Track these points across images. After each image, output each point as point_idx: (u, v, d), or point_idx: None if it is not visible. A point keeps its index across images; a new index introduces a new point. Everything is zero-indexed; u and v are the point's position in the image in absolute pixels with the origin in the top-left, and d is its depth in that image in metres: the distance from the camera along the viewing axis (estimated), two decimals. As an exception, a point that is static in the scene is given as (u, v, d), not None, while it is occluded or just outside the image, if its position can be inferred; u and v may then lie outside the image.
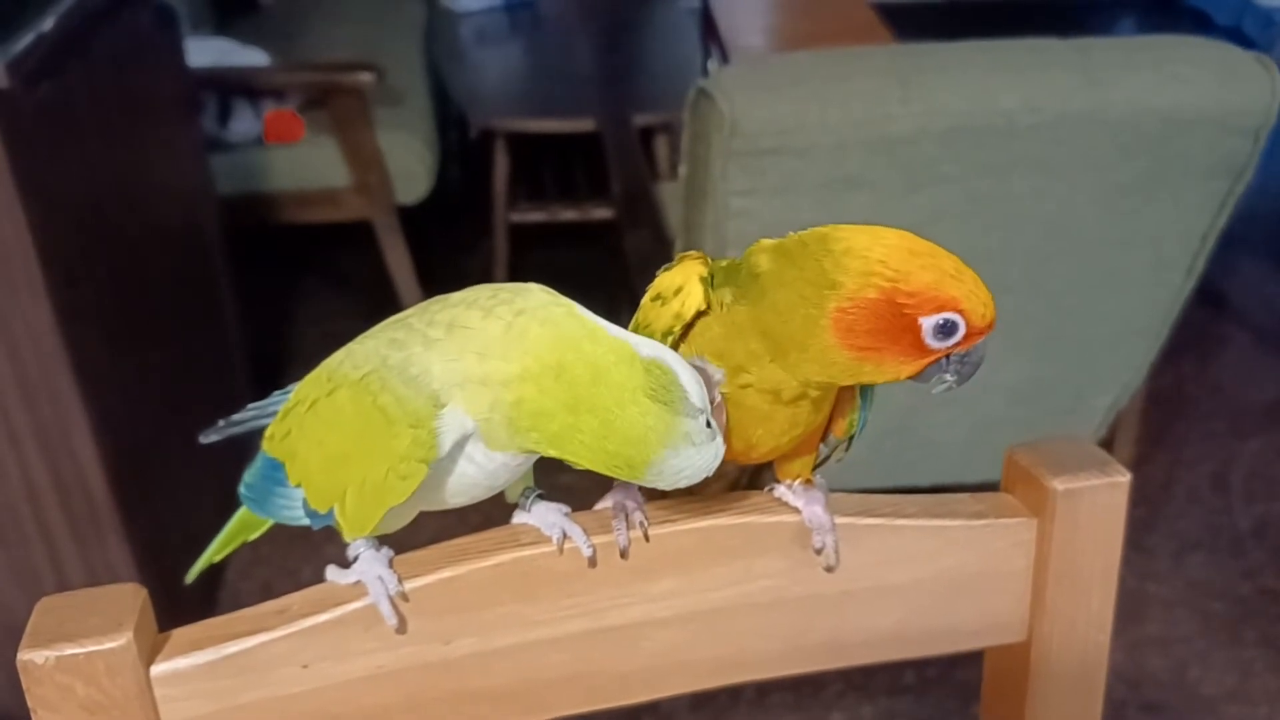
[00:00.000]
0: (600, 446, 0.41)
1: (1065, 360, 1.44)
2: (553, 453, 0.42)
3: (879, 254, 0.41)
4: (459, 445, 0.43)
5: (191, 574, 0.57)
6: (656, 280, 0.48)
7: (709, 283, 0.46)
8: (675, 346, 0.47)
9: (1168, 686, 1.55)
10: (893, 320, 0.41)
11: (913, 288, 0.41)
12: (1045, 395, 1.46)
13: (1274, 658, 1.59)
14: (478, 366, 0.42)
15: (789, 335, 0.43)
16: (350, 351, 0.45)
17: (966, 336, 0.42)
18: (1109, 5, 4.26)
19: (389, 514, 0.44)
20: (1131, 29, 4.05)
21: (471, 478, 0.44)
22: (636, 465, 0.41)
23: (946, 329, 0.42)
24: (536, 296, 0.43)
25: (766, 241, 0.45)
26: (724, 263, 0.47)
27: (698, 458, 0.42)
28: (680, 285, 0.47)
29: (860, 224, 0.43)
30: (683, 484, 0.43)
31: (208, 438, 0.52)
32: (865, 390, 0.49)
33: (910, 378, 0.44)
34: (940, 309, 0.41)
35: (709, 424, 0.42)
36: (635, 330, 0.48)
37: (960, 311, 0.42)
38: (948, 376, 0.44)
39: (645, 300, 0.48)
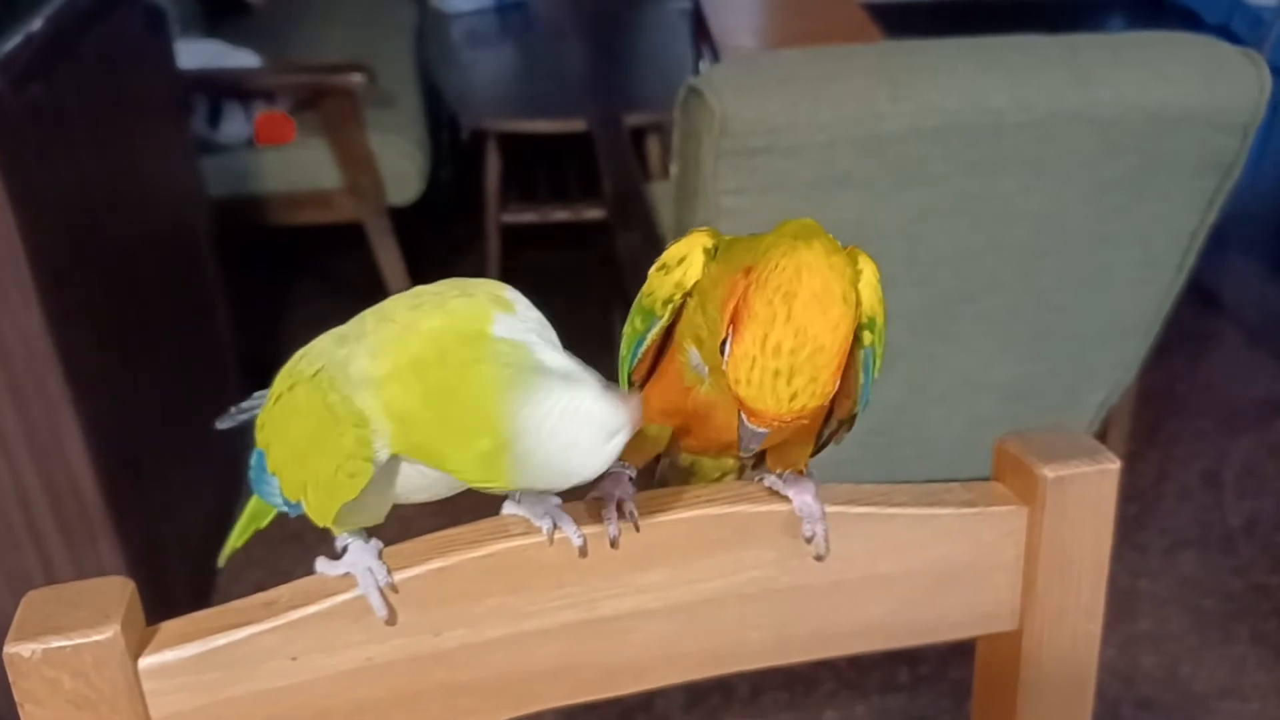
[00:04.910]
0: (445, 421, 0.38)
1: (1056, 358, 1.44)
2: (433, 463, 0.40)
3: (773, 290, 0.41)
4: None
5: (222, 558, 0.58)
6: (665, 251, 0.48)
7: (711, 254, 0.47)
8: (676, 315, 0.47)
9: (1160, 683, 1.55)
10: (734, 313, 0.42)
11: (740, 322, 0.41)
12: (1037, 393, 1.47)
13: (1266, 654, 1.59)
14: (370, 365, 0.41)
15: (720, 279, 0.44)
16: (309, 347, 0.45)
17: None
18: (1098, 4, 4.27)
19: (357, 508, 0.43)
20: (1120, 28, 4.07)
21: (419, 481, 0.43)
22: (490, 433, 0.37)
23: (724, 347, 0.42)
24: (473, 295, 0.42)
25: (809, 220, 0.45)
26: (729, 238, 0.48)
27: (557, 404, 0.38)
28: (684, 255, 0.47)
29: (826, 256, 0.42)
30: (569, 461, 0.38)
31: (223, 424, 0.52)
32: (868, 370, 0.49)
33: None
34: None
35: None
36: (639, 300, 0.49)
37: (737, 386, 0.41)
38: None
39: (652, 271, 0.48)
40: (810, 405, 0.41)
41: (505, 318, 0.41)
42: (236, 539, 0.57)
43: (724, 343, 0.42)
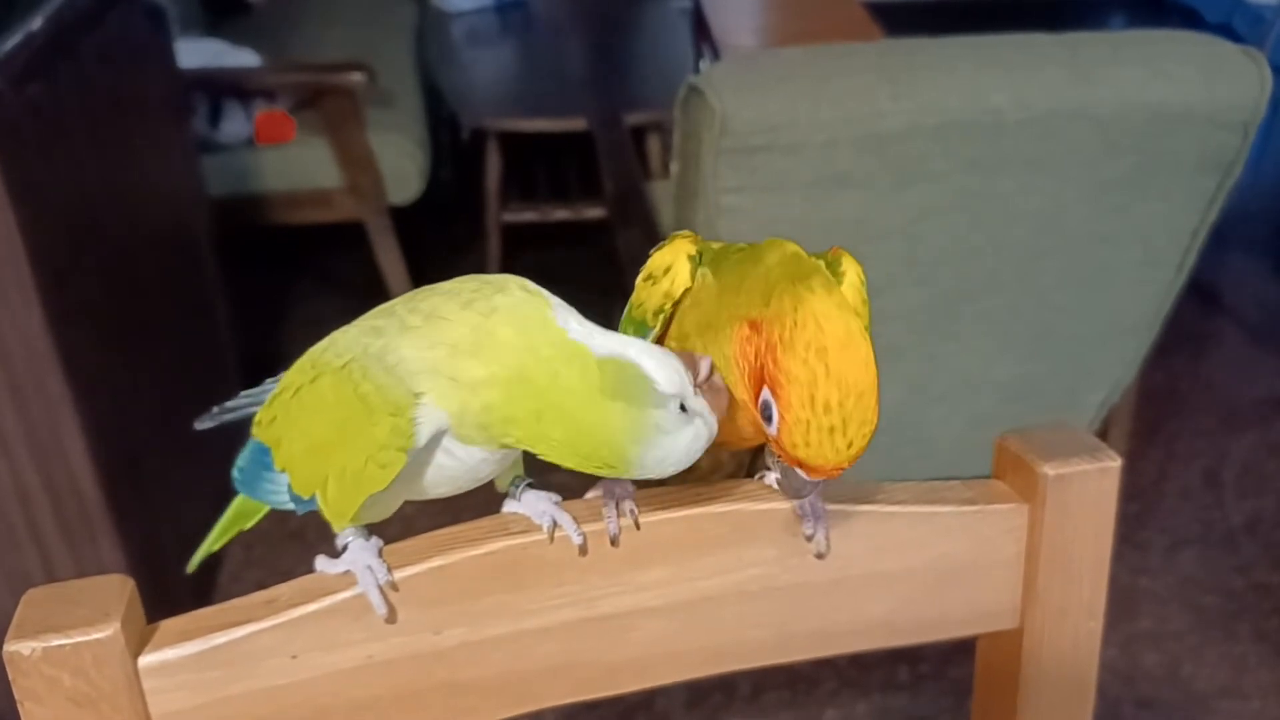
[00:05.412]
0: (574, 450, 0.41)
1: (1056, 357, 1.44)
2: (532, 450, 0.43)
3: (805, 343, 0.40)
4: (436, 437, 0.42)
5: (192, 563, 0.57)
6: (649, 261, 0.49)
7: (696, 260, 0.48)
8: (666, 325, 0.48)
9: (1161, 682, 1.55)
10: (756, 371, 0.42)
11: (779, 388, 0.41)
12: (1037, 392, 1.47)
13: (1267, 652, 1.59)
14: (448, 361, 0.42)
15: (719, 314, 0.45)
16: (334, 339, 0.45)
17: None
18: (1098, 2, 4.27)
19: (373, 502, 0.44)
20: (1121, 26, 4.07)
21: (450, 470, 0.44)
22: (615, 464, 0.42)
23: (766, 412, 0.42)
24: (513, 293, 0.43)
25: (791, 245, 0.45)
26: (716, 245, 0.48)
27: (673, 444, 0.42)
28: (669, 265, 0.48)
29: (828, 301, 0.41)
30: (671, 471, 0.43)
31: (203, 424, 0.52)
32: None
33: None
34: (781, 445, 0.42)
35: (683, 408, 0.42)
36: (629, 311, 0.49)
37: (794, 450, 0.41)
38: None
39: (638, 281, 0.49)
40: (864, 446, 0.41)
41: (559, 310, 0.43)
42: (214, 543, 0.56)
43: (760, 405, 0.42)
